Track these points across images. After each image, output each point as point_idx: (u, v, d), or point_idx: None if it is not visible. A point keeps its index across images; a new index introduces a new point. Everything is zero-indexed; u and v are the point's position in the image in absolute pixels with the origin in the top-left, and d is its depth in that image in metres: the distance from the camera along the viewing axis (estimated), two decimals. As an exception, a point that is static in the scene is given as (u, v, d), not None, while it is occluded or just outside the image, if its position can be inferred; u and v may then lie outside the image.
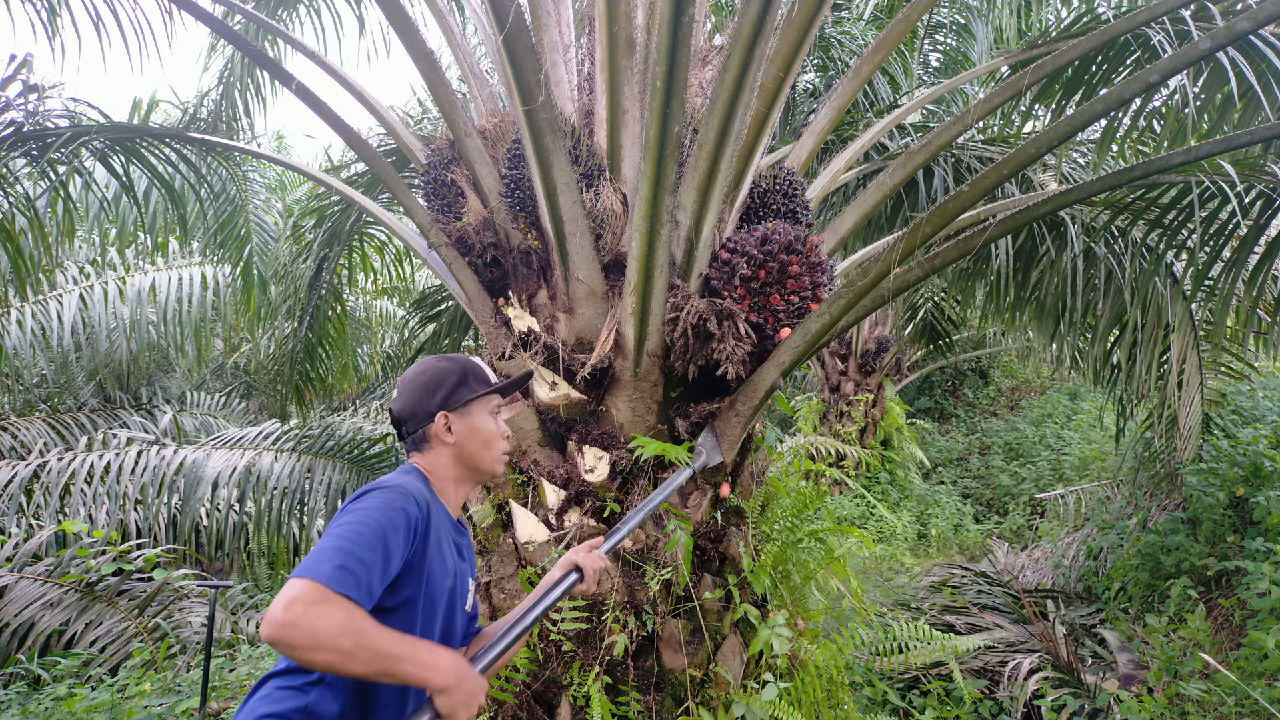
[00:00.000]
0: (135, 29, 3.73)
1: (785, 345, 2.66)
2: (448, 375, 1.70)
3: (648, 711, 2.57)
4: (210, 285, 7.69)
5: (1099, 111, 2.34)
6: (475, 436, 1.70)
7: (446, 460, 1.69)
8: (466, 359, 1.77)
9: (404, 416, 1.69)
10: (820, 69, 6.54)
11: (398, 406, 1.70)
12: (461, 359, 1.76)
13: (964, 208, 2.46)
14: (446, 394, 1.69)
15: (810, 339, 2.60)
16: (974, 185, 2.45)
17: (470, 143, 2.89)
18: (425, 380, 1.69)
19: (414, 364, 1.75)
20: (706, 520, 2.83)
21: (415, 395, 1.68)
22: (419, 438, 1.68)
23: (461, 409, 1.69)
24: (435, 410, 1.67)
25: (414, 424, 1.68)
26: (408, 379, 1.72)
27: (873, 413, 10.50)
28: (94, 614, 4.54)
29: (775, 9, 2.11)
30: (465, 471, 1.71)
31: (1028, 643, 4.78)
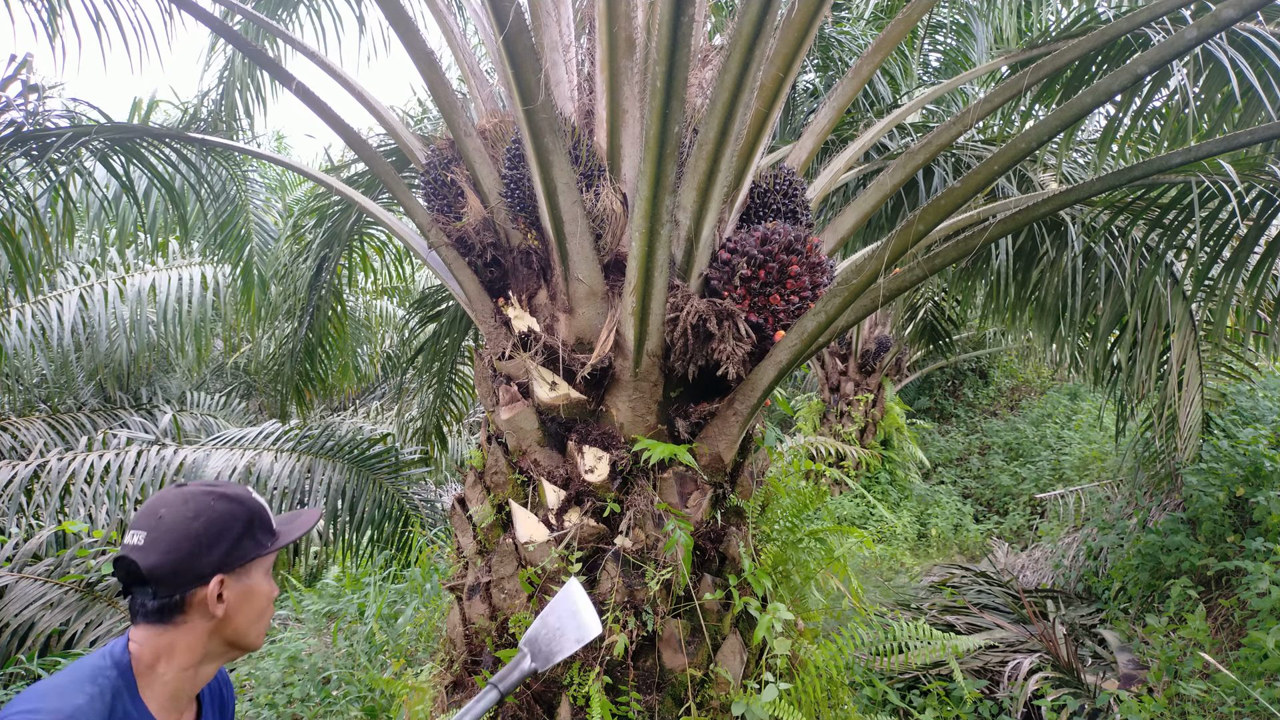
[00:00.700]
0: (135, 29, 3.73)
1: (782, 344, 2.66)
2: (231, 522, 1.31)
3: (648, 711, 2.57)
4: (210, 285, 7.69)
5: (1088, 104, 2.33)
6: (250, 606, 1.33)
7: (198, 639, 1.28)
8: (252, 498, 1.37)
9: (159, 575, 1.24)
10: (820, 69, 6.54)
11: (151, 560, 1.24)
12: (248, 499, 1.36)
13: (956, 204, 2.45)
14: (228, 549, 1.29)
15: (807, 337, 2.59)
16: (966, 181, 2.44)
17: (470, 143, 2.89)
18: (200, 529, 1.27)
19: (174, 493, 1.31)
20: (706, 520, 2.83)
21: (183, 548, 1.25)
22: (170, 606, 1.25)
23: (240, 570, 1.31)
24: (210, 571, 1.27)
25: (170, 587, 1.25)
26: (168, 522, 1.27)
27: (873, 413, 10.50)
28: (94, 614, 4.53)
29: (775, 9, 2.11)
30: (221, 649, 1.33)
31: (1028, 643, 4.78)
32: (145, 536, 1.26)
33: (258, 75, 5.08)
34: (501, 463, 2.89)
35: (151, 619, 1.26)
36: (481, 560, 2.89)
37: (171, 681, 1.28)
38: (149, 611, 1.26)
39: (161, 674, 1.27)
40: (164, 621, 1.26)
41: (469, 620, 2.84)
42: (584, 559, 2.66)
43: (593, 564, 2.69)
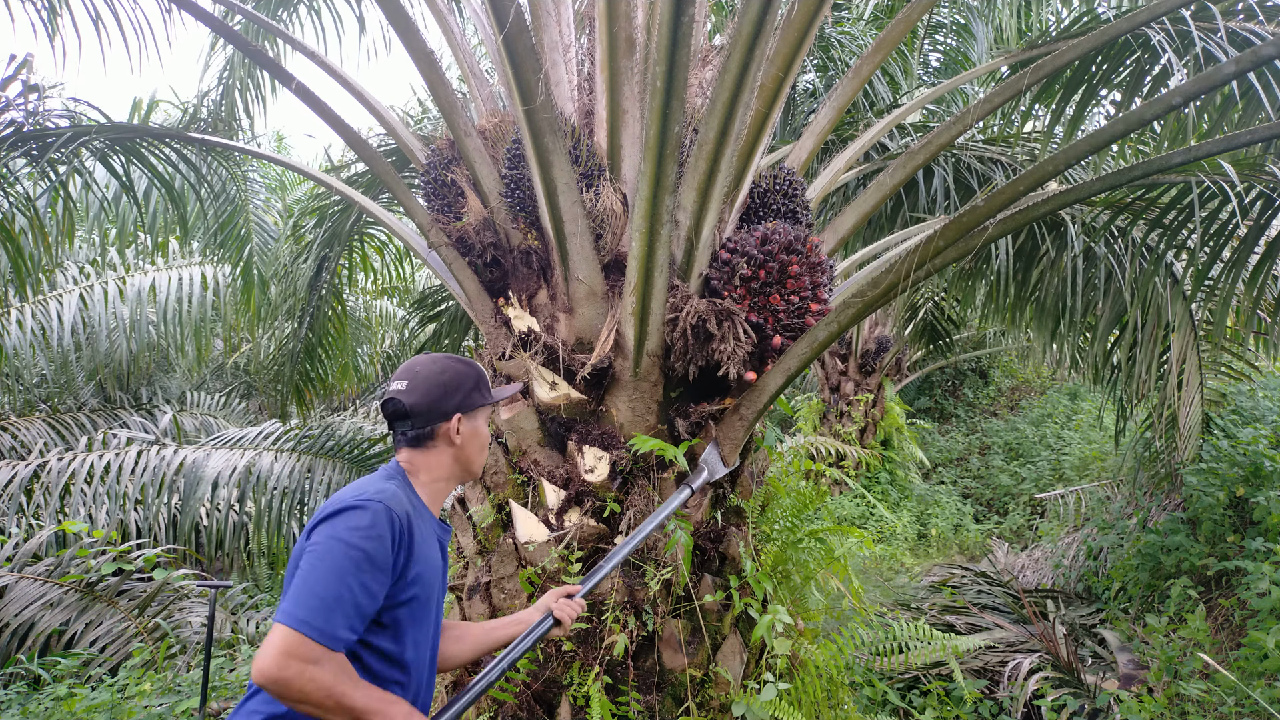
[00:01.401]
0: (135, 29, 3.73)
1: (792, 352, 2.66)
2: (465, 378, 1.73)
3: (648, 711, 2.57)
4: (210, 285, 7.69)
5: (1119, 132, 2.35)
6: (476, 440, 1.75)
7: (445, 460, 1.71)
8: (478, 365, 1.79)
9: (416, 411, 1.67)
10: (820, 69, 6.54)
11: (411, 400, 1.67)
12: (476, 365, 1.79)
13: (978, 221, 2.47)
14: (464, 396, 1.71)
15: (818, 346, 2.60)
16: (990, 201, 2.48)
17: (470, 143, 2.89)
18: (446, 380, 1.70)
19: (425, 358, 1.75)
20: (706, 520, 2.83)
21: (434, 393, 1.68)
22: (425, 434, 1.69)
23: (471, 413, 1.73)
24: (452, 411, 1.69)
25: (424, 420, 1.68)
26: (424, 374, 1.70)
27: (873, 413, 10.50)
28: (94, 614, 4.54)
29: (775, 9, 2.11)
30: (459, 472, 1.75)
31: (1028, 643, 4.78)
32: (406, 384, 1.68)
33: (258, 75, 5.08)
34: (502, 463, 2.89)
35: (411, 444, 1.69)
36: (481, 560, 2.89)
37: (430, 487, 1.70)
38: (409, 439, 1.69)
39: (425, 482, 1.70)
40: (419, 446, 1.69)
41: (469, 620, 2.84)
42: (584, 559, 2.66)
43: (593, 564, 2.69)
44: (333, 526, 1.47)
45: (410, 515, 1.56)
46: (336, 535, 1.45)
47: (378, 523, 1.48)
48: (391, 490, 1.57)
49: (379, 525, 1.47)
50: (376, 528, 1.47)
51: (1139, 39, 3.49)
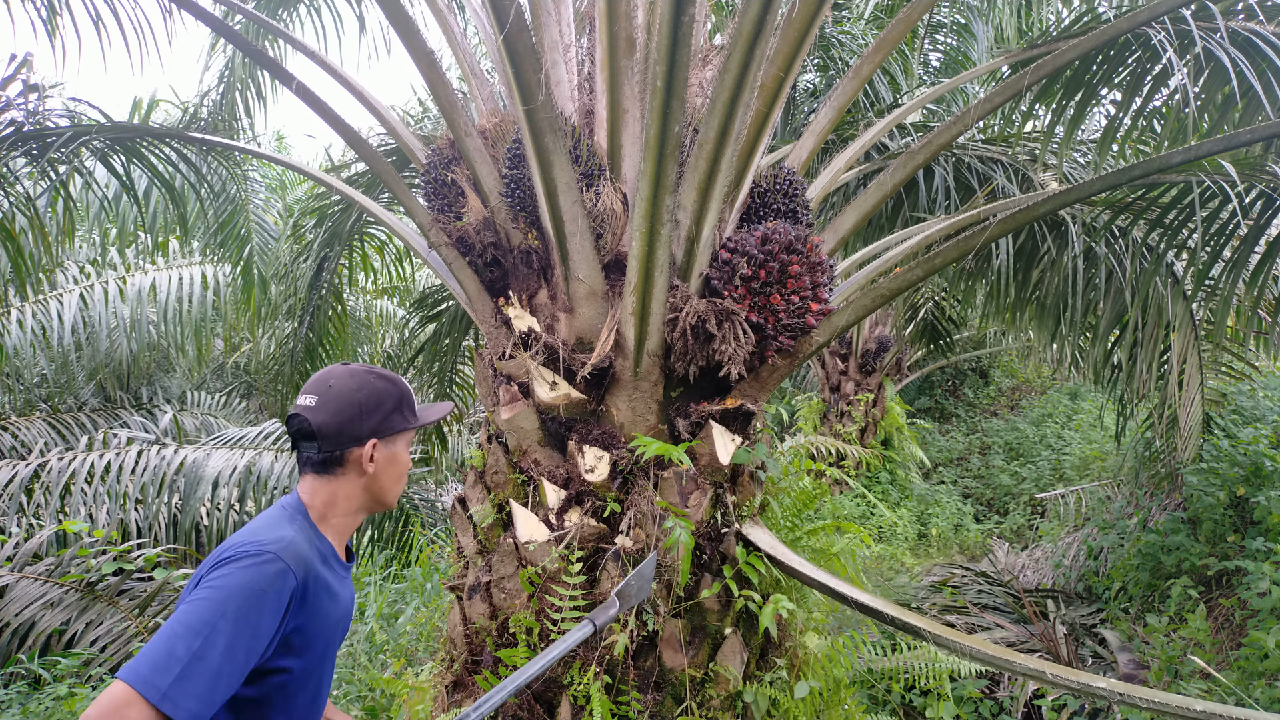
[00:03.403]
0: (135, 29, 3.73)
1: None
2: (385, 398, 1.55)
3: (648, 711, 2.57)
4: (210, 285, 7.69)
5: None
6: (393, 469, 1.58)
7: (354, 490, 1.55)
8: (403, 382, 1.62)
9: (326, 432, 1.49)
10: (820, 69, 6.54)
11: (320, 418, 1.49)
12: (400, 382, 1.61)
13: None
14: (381, 419, 1.54)
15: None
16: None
17: (470, 142, 2.89)
18: (362, 399, 1.52)
19: (341, 369, 1.57)
20: (706, 520, 2.83)
21: (347, 412, 1.50)
22: (333, 459, 1.51)
23: (389, 438, 1.57)
24: (367, 435, 1.52)
25: (334, 443, 1.50)
26: (338, 390, 1.52)
27: (873, 412, 10.50)
28: (94, 613, 4.53)
29: (775, 9, 2.11)
30: (368, 503, 1.58)
31: (1028, 642, 4.78)
32: (316, 400, 1.51)
33: (258, 75, 5.08)
34: (502, 462, 2.89)
35: (316, 469, 1.52)
36: (482, 560, 2.89)
37: (335, 522, 1.54)
38: (314, 463, 1.51)
39: (328, 516, 1.53)
40: (326, 472, 1.52)
41: (469, 620, 2.84)
42: (584, 559, 2.66)
43: (593, 564, 2.69)
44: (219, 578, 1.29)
45: (310, 568, 1.41)
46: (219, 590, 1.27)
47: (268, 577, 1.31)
48: (289, 539, 1.40)
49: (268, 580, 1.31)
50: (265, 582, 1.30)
51: (1139, 38, 3.49)
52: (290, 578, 1.35)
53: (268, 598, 1.30)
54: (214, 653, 1.22)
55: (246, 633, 1.27)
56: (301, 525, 1.47)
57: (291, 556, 1.37)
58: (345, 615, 1.56)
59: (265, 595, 1.30)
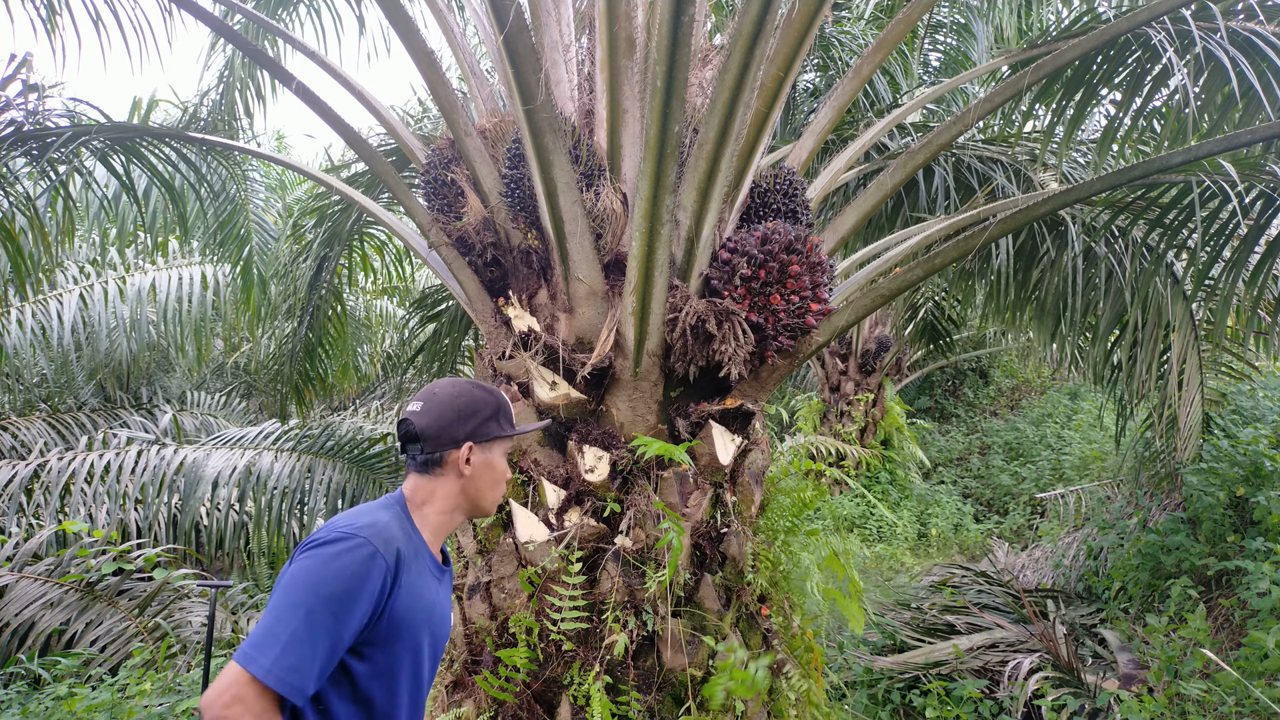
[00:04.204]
0: (135, 28, 3.73)
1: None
2: (483, 406, 1.65)
3: (648, 711, 2.57)
4: (210, 285, 7.69)
5: None
6: (489, 474, 1.66)
7: (452, 491, 1.63)
8: (501, 394, 1.72)
9: (427, 435, 1.60)
10: (820, 69, 6.54)
11: (423, 423, 1.60)
12: (498, 393, 1.71)
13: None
14: (478, 425, 1.63)
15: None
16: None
17: (470, 142, 2.89)
18: (461, 405, 1.63)
19: (446, 381, 1.69)
20: (706, 520, 2.83)
21: (447, 417, 1.61)
22: (433, 460, 1.61)
23: (485, 444, 1.65)
24: (464, 439, 1.61)
25: (434, 445, 1.60)
26: (440, 397, 1.64)
27: (873, 412, 10.50)
28: (94, 614, 4.53)
29: (775, 9, 2.11)
30: (466, 505, 1.66)
31: (1028, 642, 4.78)
32: (422, 406, 1.62)
33: (258, 75, 5.08)
34: (502, 462, 2.89)
35: (419, 469, 1.62)
36: (482, 560, 2.89)
37: (433, 519, 1.62)
38: (418, 463, 1.62)
39: (427, 513, 1.61)
40: (427, 472, 1.61)
41: (469, 620, 2.84)
42: (584, 559, 2.66)
43: (593, 564, 2.69)
44: (311, 559, 1.39)
45: (401, 554, 1.48)
46: (312, 571, 1.37)
47: (359, 560, 1.39)
48: (384, 523, 1.49)
49: (359, 563, 1.39)
50: (356, 566, 1.39)
51: (1139, 38, 3.49)
52: (380, 561, 1.42)
53: (358, 579, 1.38)
54: (309, 630, 1.32)
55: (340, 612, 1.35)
56: (397, 514, 1.55)
57: (381, 541, 1.44)
58: (439, 612, 1.61)
59: (355, 577, 1.38)
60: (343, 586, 1.37)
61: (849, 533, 3.37)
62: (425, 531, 1.61)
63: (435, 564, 1.63)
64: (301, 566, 1.38)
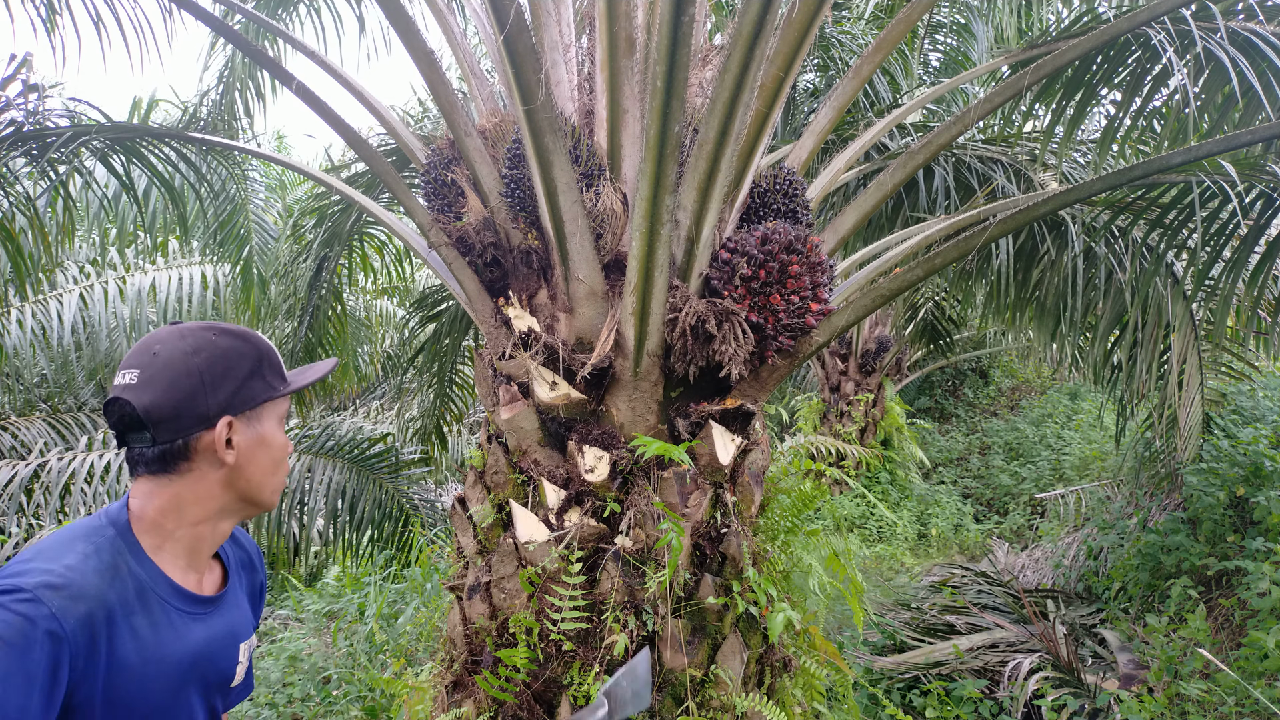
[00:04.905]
0: (135, 28, 3.73)
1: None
2: (238, 359, 1.15)
3: (648, 711, 2.57)
4: (210, 284, 7.69)
5: None
6: (264, 454, 1.18)
7: (208, 488, 1.14)
8: (260, 338, 1.20)
9: (157, 415, 1.09)
10: (820, 69, 6.54)
11: (148, 399, 1.08)
12: (256, 337, 1.20)
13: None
14: (233, 389, 1.13)
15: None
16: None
17: (470, 142, 2.89)
18: (200, 364, 1.11)
19: (169, 331, 1.14)
20: (706, 520, 2.83)
21: (182, 385, 1.10)
22: (174, 452, 1.11)
23: (250, 413, 1.16)
24: (215, 412, 1.12)
25: (172, 429, 1.10)
26: (168, 358, 1.11)
27: (873, 412, 10.50)
28: (94, 614, 4.53)
29: (775, 9, 2.11)
30: (234, 504, 1.18)
31: (1028, 642, 4.78)
32: (139, 375, 1.10)
33: (258, 75, 5.08)
34: (501, 462, 2.89)
35: (154, 468, 1.12)
36: (481, 560, 2.89)
37: (185, 538, 1.14)
38: (150, 460, 1.11)
39: (172, 530, 1.13)
40: (168, 470, 1.12)
41: (469, 620, 2.84)
42: (584, 559, 2.66)
43: (593, 564, 2.69)
44: None
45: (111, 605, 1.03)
46: None
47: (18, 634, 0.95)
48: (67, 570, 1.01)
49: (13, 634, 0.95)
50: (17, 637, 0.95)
51: (1139, 38, 3.49)
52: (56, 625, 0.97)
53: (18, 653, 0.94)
54: None
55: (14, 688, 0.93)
56: (105, 546, 1.07)
57: (64, 597, 0.99)
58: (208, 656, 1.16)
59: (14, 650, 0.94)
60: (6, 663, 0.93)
61: (849, 533, 3.37)
62: (166, 555, 1.13)
63: (186, 598, 1.15)
64: None
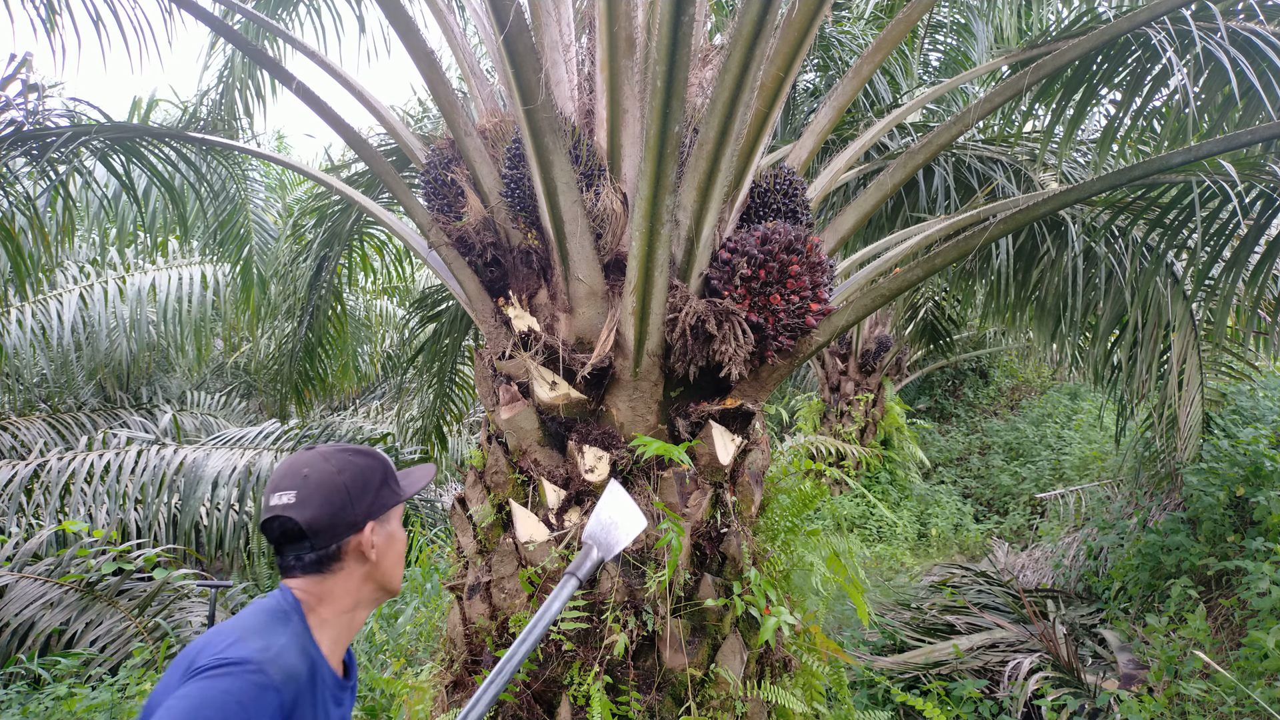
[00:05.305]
0: (135, 28, 3.73)
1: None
2: (371, 474, 1.37)
3: (648, 711, 2.57)
4: (210, 284, 7.69)
5: None
6: (393, 549, 1.39)
7: (354, 584, 1.35)
8: (381, 454, 1.43)
9: (317, 528, 1.30)
10: (820, 68, 6.54)
11: (308, 515, 1.29)
12: (378, 454, 1.42)
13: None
14: (372, 499, 1.35)
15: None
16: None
17: (470, 142, 2.89)
18: (349, 482, 1.33)
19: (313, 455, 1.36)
20: (706, 520, 2.83)
21: (336, 501, 1.31)
22: (328, 555, 1.31)
23: (384, 517, 1.38)
24: (362, 520, 1.33)
25: (328, 537, 1.31)
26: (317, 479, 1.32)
27: (873, 412, 10.50)
28: (94, 614, 4.54)
29: (775, 9, 2.11)
30: (374, 594, 1.39)
31: (1028, 642, 4.78)
32: (295, 495, 1.30)
33: (258, 75, 5.08)
34: (502, 462, 2.89)
35: (310, 570, 1.32)
36: (481, 560, 2.89)
37: (333, 625, 1.33)
38: (307, 565, 1.31)
39: (326, 618, 1.32)
40: (322, 571, 1.32)
41: (469, 620, 2.84)
42: (584, 559, 2.66)
43: (593, 564, 2.69)
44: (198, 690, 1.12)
45: (302, 683, 1.20)
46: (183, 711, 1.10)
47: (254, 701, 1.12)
48: (281, 647, 1.20)
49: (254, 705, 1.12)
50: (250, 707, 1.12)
51: (1139, 38, 3.49)
52: (279, 699, 1.15)
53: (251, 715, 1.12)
54: None
55: None
56: (296, 630, 1.26)
57: (279, 671, 1.17)
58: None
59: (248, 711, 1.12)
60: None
61: (849, 532, 3.37)
62: (324, 642, 1.32)
63: (336, 682, 1.33)
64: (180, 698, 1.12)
